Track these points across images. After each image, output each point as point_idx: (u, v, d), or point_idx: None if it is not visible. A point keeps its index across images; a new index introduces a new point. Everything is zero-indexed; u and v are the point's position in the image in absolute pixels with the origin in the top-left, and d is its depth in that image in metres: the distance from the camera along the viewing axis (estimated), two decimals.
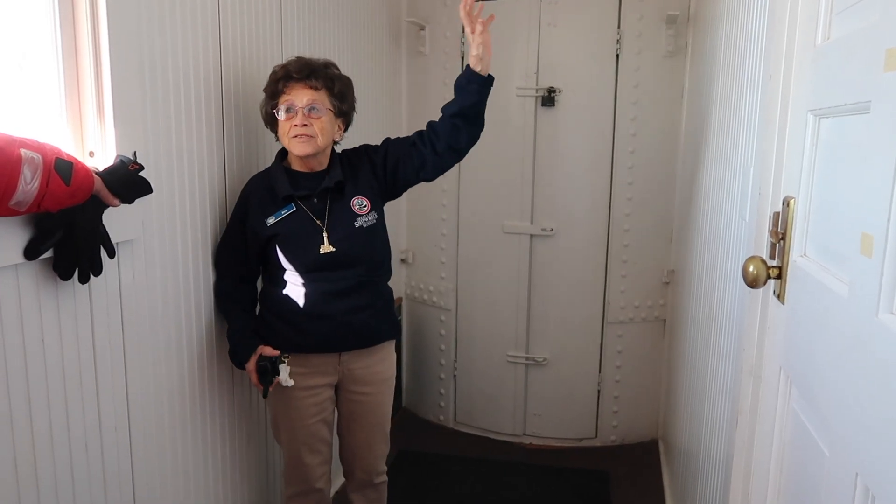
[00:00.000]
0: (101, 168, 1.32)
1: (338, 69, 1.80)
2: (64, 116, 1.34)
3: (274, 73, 1.75)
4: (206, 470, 1.81)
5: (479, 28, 1.77)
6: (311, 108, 1.70)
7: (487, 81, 1.80)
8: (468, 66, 1.79)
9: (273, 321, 1.81)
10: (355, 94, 1.85)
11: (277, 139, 1.78)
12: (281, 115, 1.72)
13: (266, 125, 1.82)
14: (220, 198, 1.81)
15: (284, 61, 1.77)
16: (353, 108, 1.84)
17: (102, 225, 1.32)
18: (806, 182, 1.19)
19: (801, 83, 1.23)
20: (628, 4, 2.78)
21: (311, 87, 1.71)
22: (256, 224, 1.76)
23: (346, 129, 1.84)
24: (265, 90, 1.77)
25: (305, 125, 1.69)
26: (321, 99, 1.72)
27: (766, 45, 1.39)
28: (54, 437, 1.30)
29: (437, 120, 1.85)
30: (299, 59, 1.74)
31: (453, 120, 1.81)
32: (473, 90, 1.79)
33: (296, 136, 1.70)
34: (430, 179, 1.90)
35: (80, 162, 1.20)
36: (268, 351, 1.76)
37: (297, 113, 1.70)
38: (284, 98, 1.71)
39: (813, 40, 1.19)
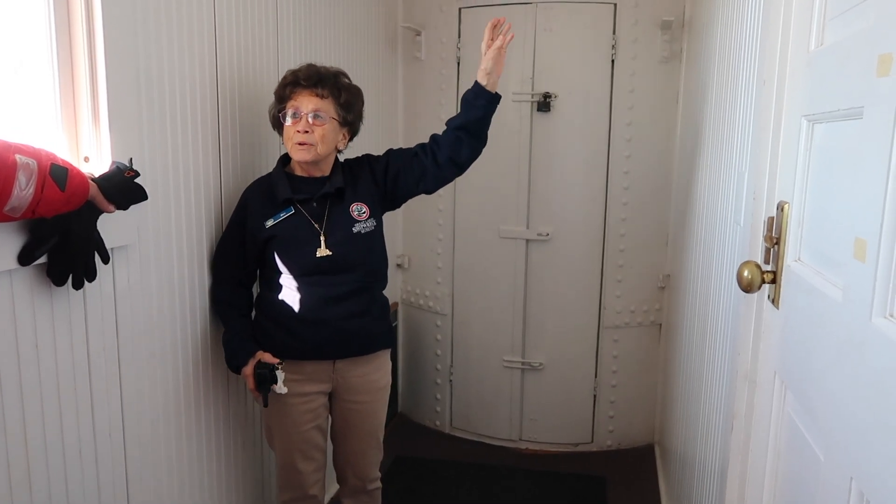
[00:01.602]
0: (96, 174, 1.32)
1: (348, 79, 1.82)
2: (59, 122, 1.34)
3: (284, 77, 1.77)
4: (200, 476, 1.80)
5: (496, 43, 1.78)
6: (315, 116, 1.71)
7: (494, 99, 1.81)
8: (476, 80, 1.80)
9: (268, 326, 1.81)
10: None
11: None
12: (287, 121, 1.73)
13: (273, 127, 1.83)
14: (215, 204, 1.81)
15: (288, 66, 1.77)
16: (359, 119, 1.85)
17: (97, 231, 1.31)
18: (800, 187, 1.20)
19: (795, 88, 1.24)
20: (623, 10, 2.79)
21: (317, 95, 1.72)
22: (255, 226, 1.77)
23: (351, 139, 1.85)
24: (275, 93, 1.79)
25: (307, 132, 1.70)
26: (326, 107, 1.73)
27: (760, 51, 1.39)
28: (48, 443, 1.29)
29: (440, 132, 1.86)
30: (310, 67, 1.76)
31: (457, 132, 1.82)
32: (480, 105, 1.80)
33: (297, 143, 1.71)
34: (430, 191, 1.91)
35: (75, 168, 1.20)
36: (267, 358, 1.75)
37: (301, 119, 1.71)
38: (291, 103, 1.73)
39: (806, 46, 1.20)
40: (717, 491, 1.59)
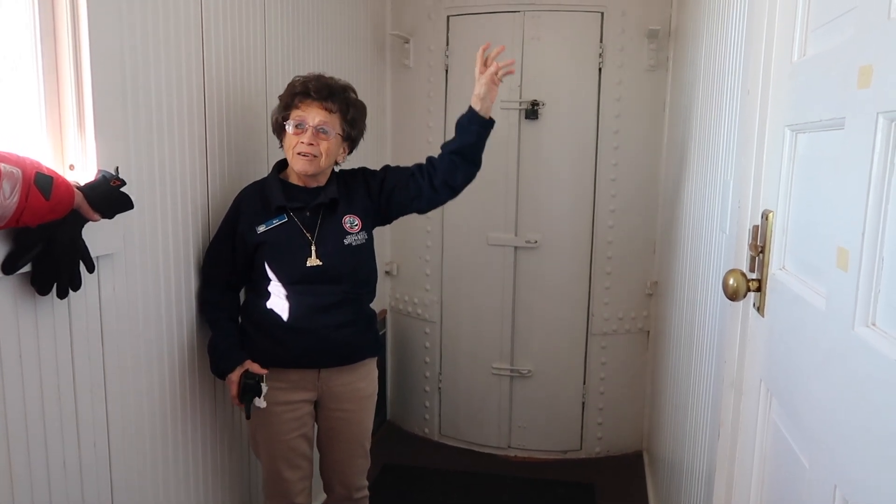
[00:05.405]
0: (82, 182, 1.31)
1: (355, 94, 1.83)
2: (44, 129, 1.33)
3: (292, 85, 1.77)
4: (187, 484, 1.79)
5: (490, 69, 1.80)
6: (321, 129, 1.71)
7: (488, 124, 1.83)
8: (470, 106, 1.82)
9: (253, 333, 1.80)
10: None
11: (281, 146, 1.79)
12: (290, 129, 1.73)
13: (273, 132, 1.83)
14: (202, 212, 1.80)
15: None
16: (361, 135, 1.86)
17: (82, 239, 1.30)
18: (784, 196, 1.21)
19: (779, 99, 1.25)
20: (610, 19, 2.81)
21: (325, 109, 1.73)
22: (246, 231, 1.76)
23: (350, 153, 1.86)
24: (280, 98, 1.78)
25: (312, 144, 1.71)
26: (333, 122, 1.73)
27: (744, 61, 1.41)
28: (31, 453, 1.27)
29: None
30: (320, 79, 1.75)
31: (451, 157, 1.84)
32: (473, 131, 1.82)
33: (300, 154, 1.71)
34: (423, 211, 1.93)
35: (60, 176, 1.19)
36: (255, 368, 1.74)
37: (306, 131, 1.71)
38: (297, 113, 1.73)
39: (789, 57, 1.22)
40: (705, 497, 1.60)
